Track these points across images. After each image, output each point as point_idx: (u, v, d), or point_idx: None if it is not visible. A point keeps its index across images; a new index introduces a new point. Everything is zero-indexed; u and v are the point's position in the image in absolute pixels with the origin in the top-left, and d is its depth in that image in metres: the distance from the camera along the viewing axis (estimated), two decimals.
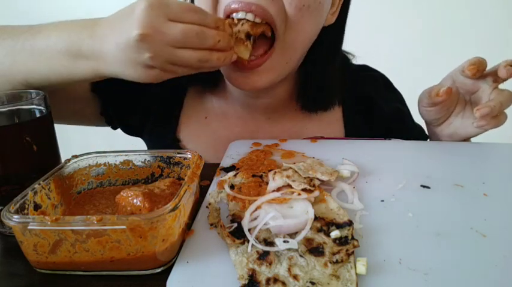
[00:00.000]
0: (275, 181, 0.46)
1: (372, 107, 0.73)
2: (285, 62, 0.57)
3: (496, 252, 0.35)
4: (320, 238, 0.38)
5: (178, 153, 0.50)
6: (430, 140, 0.71)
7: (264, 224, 0.39)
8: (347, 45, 0.78)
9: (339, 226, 0.39)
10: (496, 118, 0.56)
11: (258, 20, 0.52)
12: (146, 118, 0.74)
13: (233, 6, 0.51)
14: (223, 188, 0.48)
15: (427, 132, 0.72)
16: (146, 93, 0.72)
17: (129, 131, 0.79)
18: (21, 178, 0.45)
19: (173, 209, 0.35)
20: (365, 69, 0.81)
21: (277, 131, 0.72)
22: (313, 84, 0.67)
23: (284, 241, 0.36)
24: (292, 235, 0.38)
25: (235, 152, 0.61)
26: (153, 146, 0.78)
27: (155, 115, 0.73)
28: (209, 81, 0.70)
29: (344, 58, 0.74)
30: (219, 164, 0.57)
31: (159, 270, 0.36)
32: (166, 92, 0.72)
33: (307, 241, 0.37)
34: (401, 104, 0.79)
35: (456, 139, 0.63)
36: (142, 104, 0.73)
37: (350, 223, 0.39)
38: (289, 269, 0.34)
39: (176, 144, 0.72)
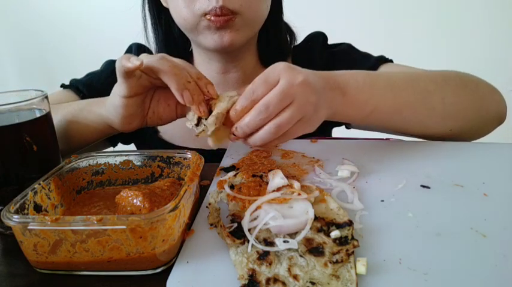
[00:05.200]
0: (275, 180, 0.46)
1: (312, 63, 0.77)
2: (249, 29, 0.67)
3: (496, 252, 0.35)
4: (320, 238, 0.38)
5: (178, 153, 0.50)
6: None
7: (264, 224, 0.39)
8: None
9: (339, 226, 0.39)
10: (279, 138, 0.47)
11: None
12: None
13: (207, 9, 0.60)
14: (223, 188, 0.48)
15: None
16: None
17: (127, 140, 0.85)
18: (21, 178, 0.45)
19: (173, 209, 0.35)
20: (309, 35, 0.85)
21: None
22: (269, 37, 0.76)
23: (284, 241, 0.36)
24: (292, 235, 0.38)
25: (235, 152, 0.62)
26: (139, 142, 0.84)
27: None
28: None
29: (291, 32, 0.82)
30: (219, 163, 0.57)
31: (159, 270, 0.36)
32: None
33: (307, 241, 0.37)
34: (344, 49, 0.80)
35: None
36: None
37: (350, 223, 0.39)
38: (289, 269, 0.33)
39: (156, 135, 0.78)
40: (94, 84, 0.78)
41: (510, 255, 0.35)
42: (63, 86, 0.79)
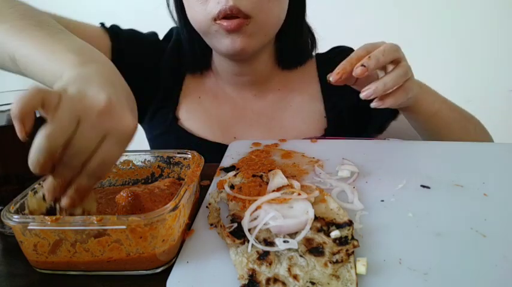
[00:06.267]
0: (275, 180, 0.46)
1: None
2: (263, 35, 0.66)
3: (496, 252, 0.35)
4: (320, 238, 0.38)
5: (178, 153, 0.50)
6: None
7: (264, 224, 0.39)
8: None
9: (339, 226, 0.39)
10: (390, 95, 0.54)
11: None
12: (149, 102, 0.80)
13: (216, 12, 0.59)
14: (223, 188, 0.48)
15: None
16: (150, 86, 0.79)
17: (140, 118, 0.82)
18: (21, 178, 0.45)
19: (173, 209, 0.35)
20: (337, 47, 0.85)
21: (263, 107, 0.79)
22: (288, 39, 0.74)
23: (284, 241, 0.36)
24: (292, 235, 0.38)
25: (235, 152, 0.62)
26: (153, 127, 0.82)
27: (158, 99, 0.80)
28: (201, 66, 0.79)
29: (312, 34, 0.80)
30: (219, 163, 0.57)
31: (159, 270, 0.36)
32: (169, 78, 0.79)
33: (307, 241, 0.37)
34: None
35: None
36: (144, 93, 0.76)
37: (350, 223, 0.39)
38: (289, 269, 0.34)
39: (175, 123, 0.78)
40: (135, 42, 0.76)
41: (510, 255, 0.35)
42: (102, 25, 0.75)
